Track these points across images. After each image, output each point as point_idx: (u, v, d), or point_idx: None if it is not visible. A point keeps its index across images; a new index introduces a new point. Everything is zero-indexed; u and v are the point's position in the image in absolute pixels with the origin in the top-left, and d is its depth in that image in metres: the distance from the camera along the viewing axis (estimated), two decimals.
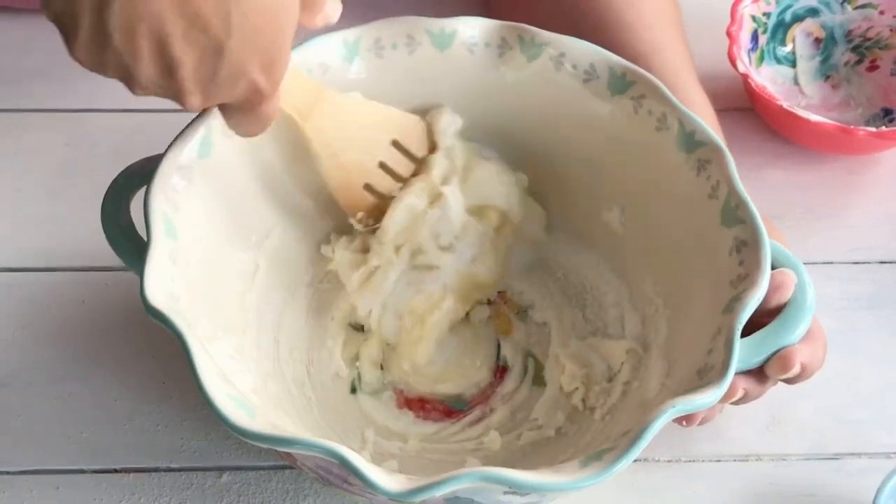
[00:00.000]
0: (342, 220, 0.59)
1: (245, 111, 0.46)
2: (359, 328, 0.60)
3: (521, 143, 0.60)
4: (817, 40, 0.74)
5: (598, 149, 0.57)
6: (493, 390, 0.59)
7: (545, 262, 0.62)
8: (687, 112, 0.54)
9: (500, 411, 0.58)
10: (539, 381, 0.59)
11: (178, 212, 0.50)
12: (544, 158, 0.60)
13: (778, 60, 0.74)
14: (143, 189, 0.50)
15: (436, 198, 0.57)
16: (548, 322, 0.61)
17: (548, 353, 0.59)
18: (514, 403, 0.58)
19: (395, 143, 0.57)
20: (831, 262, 0.66)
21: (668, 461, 0.58)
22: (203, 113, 0.51)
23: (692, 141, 0.53)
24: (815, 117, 0.67)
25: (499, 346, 0.61)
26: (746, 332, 0.48)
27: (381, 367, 0.59)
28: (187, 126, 0.52)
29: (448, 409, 0.59)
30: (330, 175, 0.55)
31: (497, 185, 0.59)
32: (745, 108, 0.72)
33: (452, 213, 0.58)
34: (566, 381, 0.57)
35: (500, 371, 0.60)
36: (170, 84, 0.42)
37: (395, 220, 0.57)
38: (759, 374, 0.50)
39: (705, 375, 0.46)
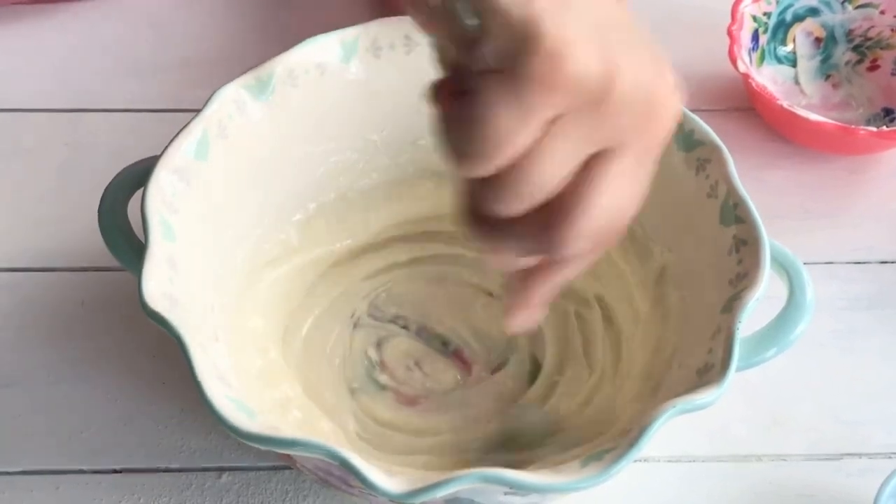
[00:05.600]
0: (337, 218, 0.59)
1: None
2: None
3: None
4: (818, 40, 0.74)
5: None
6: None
7: None
8: (685, 111, 0.53)
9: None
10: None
11: (175, 214, 0.50)
12: None
13: (778, 60, 0.74)
14: (141, 190, 0.50)
15: None
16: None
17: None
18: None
19: None
20: (832, 262, 0.66)
21: (668, 461, 0.58)
22: (199, 113, 0.52)
23: (691, 140, 0.53)
24: (815, 117, 0.67)
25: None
26: None
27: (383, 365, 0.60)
28: (183, 128, 0.52)
29: None
30: None
31: None
32: (745, 107, 0.72)
33: None
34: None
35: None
36: None
37: None
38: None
39: (705, 375, 0.46)
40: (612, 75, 0.33)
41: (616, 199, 0.36)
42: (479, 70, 0.33)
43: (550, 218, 0.35)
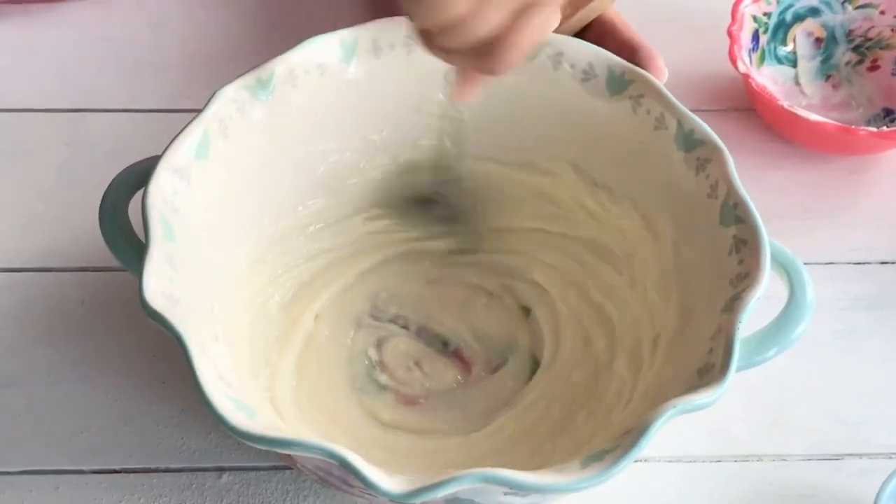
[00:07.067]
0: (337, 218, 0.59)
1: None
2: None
3: (519, 143, 0.60)
4: (818, 40, 0.74)
5: (596, 148, 0.57)
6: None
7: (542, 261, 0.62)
8: (685, 111, 0.54)
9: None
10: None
11: (175, 213, 0.50)
12: (542, 158, 0.60)
13: (779, 60, 0.74)
14: (142, 190, 0.50)
15: None
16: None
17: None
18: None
19: None
20: (832, 263, 0.66)
21: (668, 461, 0.58)
22: (200, 113, 0.52)
23: (691, 140, 0.53)
24: (815, 117, 0.67)
25: None
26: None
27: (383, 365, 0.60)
28: (184, 127, 0.52)
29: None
30: None
31: None
32: (745, 108, 0.72)
33: None
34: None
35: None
36: None
37: None
38: None
39: (705, 375, 0.46)
40: None
41: (536, 37, 0.45)
42: None
43: (488, 49, 0.45)
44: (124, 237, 0.52)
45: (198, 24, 0.76)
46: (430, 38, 0.46)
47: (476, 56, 0.46)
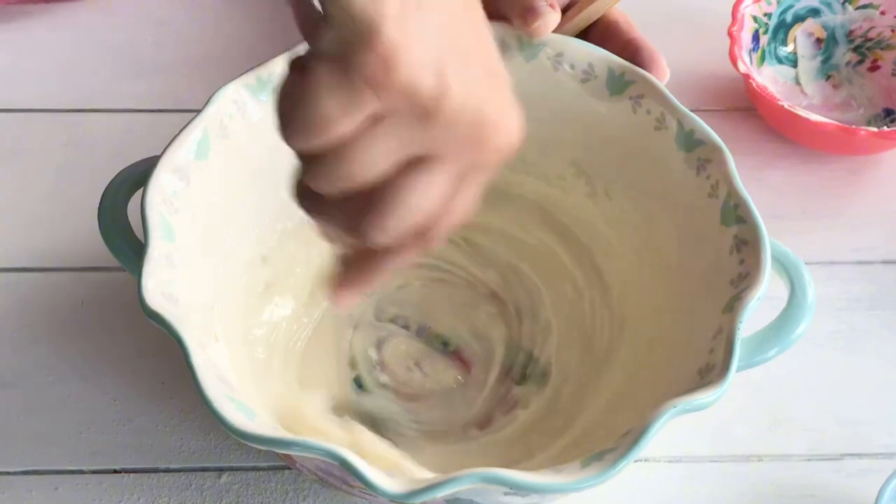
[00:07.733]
0: None
1: None
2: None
3: (518, 144, 0.60)
4: (818, 40, 0.74)
5: (596, 148, 0.57)
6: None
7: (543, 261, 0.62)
8: (686, 111, 0.54)
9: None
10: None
11: (175, 213, 0.50)
12: (541, 159, 0.60)
13: (779, 60, 0.74)
14: (141, 190, 0.50)
15: None
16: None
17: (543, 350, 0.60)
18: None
19: None
20: (832, 262, 0.66)
21: (669, 461, 0.58)
22: (200, 113, 0.52)
23: (691, 140, 0.53)
24: (816, 117, 0.67)
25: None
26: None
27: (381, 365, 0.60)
28: (184, 127, 0.52)
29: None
30: None
31: None
32: (745, 108, 0.72)
33: None
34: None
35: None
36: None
37: None
38: None
39: (706, 375, 0.46)
40: (441, 93, 0.35)
41: (426, 203, 0.37)
42: (319, 52, 0.35)
43: (365, 206, 0.37)
44: (123, 237, 0.52)
45: (198, 24, 0.76)
46: (308, 181, 0.38)
47: (357, 215, 0.38)
